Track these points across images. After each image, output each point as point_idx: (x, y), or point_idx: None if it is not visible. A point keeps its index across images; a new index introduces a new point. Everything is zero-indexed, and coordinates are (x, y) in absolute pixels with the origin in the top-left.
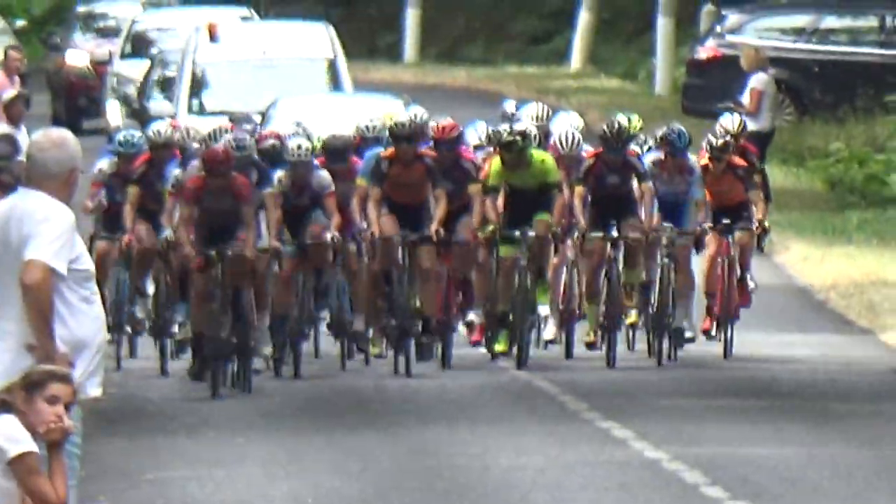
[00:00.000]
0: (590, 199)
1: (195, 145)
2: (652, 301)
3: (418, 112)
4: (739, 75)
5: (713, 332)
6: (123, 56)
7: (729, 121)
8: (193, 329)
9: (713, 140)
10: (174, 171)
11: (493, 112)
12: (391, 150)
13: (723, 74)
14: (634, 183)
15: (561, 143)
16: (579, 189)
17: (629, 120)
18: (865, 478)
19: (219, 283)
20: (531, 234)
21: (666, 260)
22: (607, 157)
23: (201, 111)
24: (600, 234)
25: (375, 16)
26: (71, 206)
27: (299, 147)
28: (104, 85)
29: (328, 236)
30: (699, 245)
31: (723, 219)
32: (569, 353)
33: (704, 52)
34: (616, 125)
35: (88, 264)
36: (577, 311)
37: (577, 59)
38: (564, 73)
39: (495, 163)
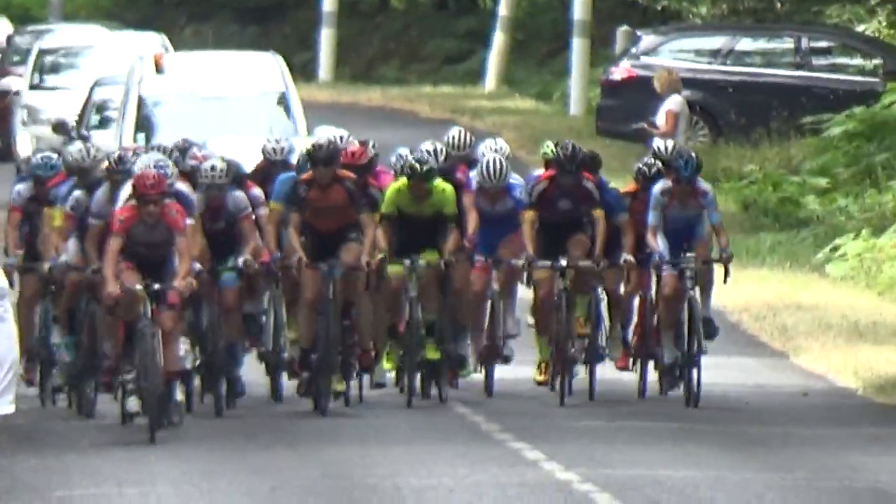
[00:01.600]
0: (538, 224)
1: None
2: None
3: (338, 134)
4: (654, 97)
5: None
6: (32, 87)
7: (662, 145)
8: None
9: (644, 168)
10: (75, 193)
11: (407, 132)
12: (309, 173)
13: (637, 95)
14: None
15: (487, 175)
16: (529, 214)
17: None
18: (774, 501)
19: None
20: (421, 262)
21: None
22: (562, 180)
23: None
24: (548, 264)
25: (290, 34)
26: None
27: (213, 168)
28: (11, 116)
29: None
30: (727, 272)
31: (646, 250)
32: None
33: (619, 73)
34: (570, 148)
35: (1, 281)
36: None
37: (491, 79)
38: (479, 93)
39: (391, 189)
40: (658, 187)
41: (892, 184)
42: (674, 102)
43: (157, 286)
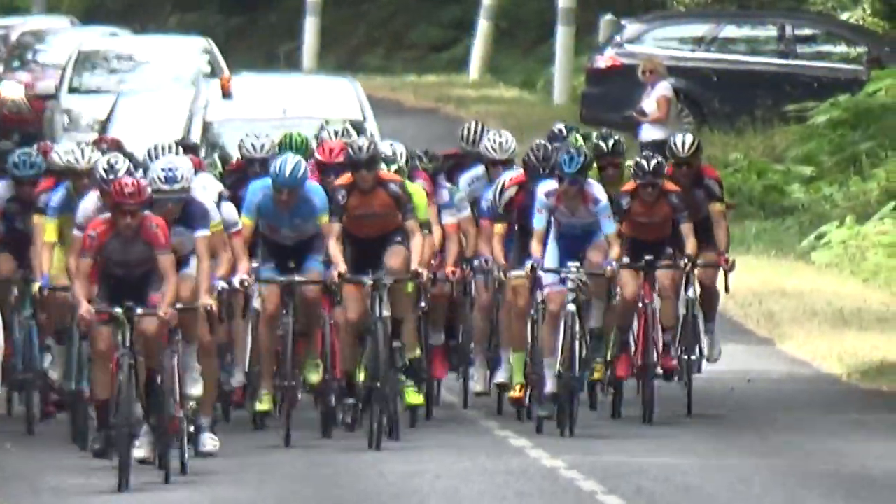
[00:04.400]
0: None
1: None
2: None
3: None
4: (638, 85)
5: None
6: (72, 90)
7: (679, 141)
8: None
9: (644, 163)
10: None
11: (388, 121)
12: (348, 177)
13: (622, 84)
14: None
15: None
16: (498, 226)
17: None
18: (762, 486)
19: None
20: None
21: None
22: (532, 186)
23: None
24: (522, 273)
25: (275, 23)
26: None
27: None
28: (52, 121)
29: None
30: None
31: (644, 255)
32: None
33: (603, 61)
34: (542, 149)
35: None
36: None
37: (475, 68)
38: (463, 82)
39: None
40: (542, 188)
41: (876, 171)
42: (664, 88)
43: (139, 310)
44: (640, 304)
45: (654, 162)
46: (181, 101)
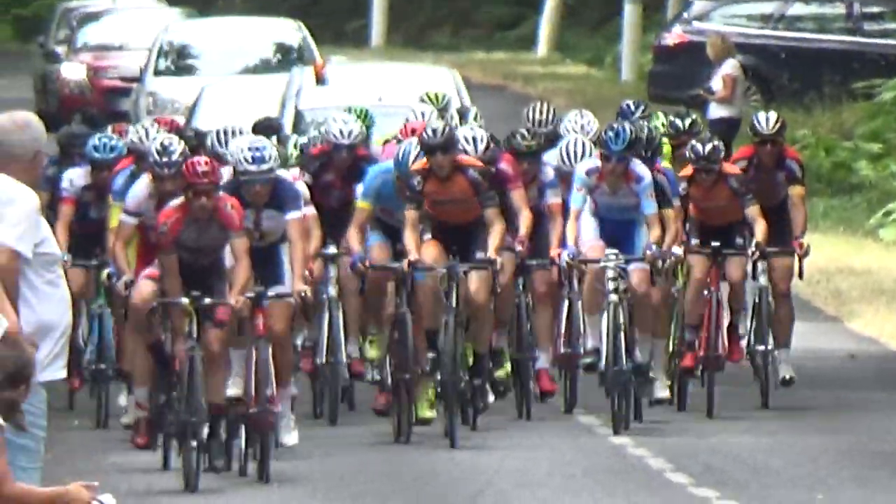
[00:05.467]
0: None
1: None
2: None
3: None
4: (706, 62)
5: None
6: (157, 73)
7: (763, 119)
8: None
9: (699, 147)
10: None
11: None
12: (423, 162)
13: (689, 61)
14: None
15: (565, 158)
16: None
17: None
18: (829, 465)
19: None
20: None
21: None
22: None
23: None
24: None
25: (343, 1)
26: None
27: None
28: (137, 104)
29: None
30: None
31: (712, 240)
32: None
33: (671, 38)
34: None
35: (54, 248)
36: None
37: (543, 45)
38: (531, 59)
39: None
40: (582, 165)
41: None
42: (731, 66)
43: (207, 300)
44: (706, 292)
45: (709, 146)
46: (271, 88)
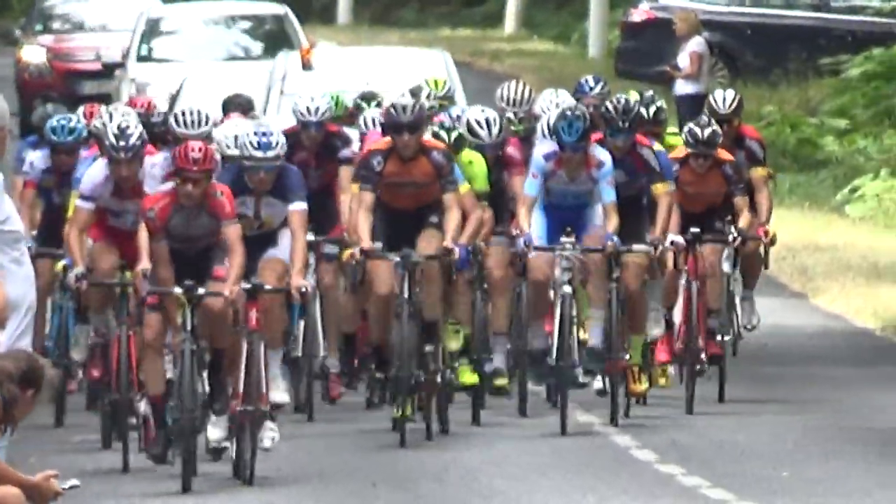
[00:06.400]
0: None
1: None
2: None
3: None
4: (673, 38)
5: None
6: (140, 58)
7: (721, 98)
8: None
9: (697, 131)
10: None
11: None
12: (386, 141)
13: (656, 37)
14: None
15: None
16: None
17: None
18: (795, 441)
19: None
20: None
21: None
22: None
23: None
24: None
25: None
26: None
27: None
28: (119, 90)
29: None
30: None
31: (691, 227)
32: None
33: (638, 14)
34: (622, 101)
35: (18, 225)
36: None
37: (510, 22)
38: (498, 36)
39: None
40: (540, 149)
41: None
42: (697, 43)
43: (200, 290)
44: (683, 282)
45: (708, 131)
46: (255, 74)
